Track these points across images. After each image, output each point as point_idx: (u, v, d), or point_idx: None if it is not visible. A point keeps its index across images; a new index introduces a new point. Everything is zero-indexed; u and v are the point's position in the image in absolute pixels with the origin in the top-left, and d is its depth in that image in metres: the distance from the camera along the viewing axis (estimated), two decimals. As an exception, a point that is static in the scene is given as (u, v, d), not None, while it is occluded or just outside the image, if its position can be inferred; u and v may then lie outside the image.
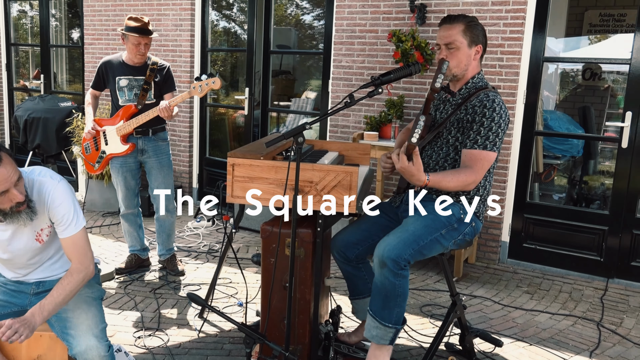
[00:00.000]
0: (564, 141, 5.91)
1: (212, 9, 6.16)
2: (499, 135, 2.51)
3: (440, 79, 2.38)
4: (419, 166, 2.34)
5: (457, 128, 2.61)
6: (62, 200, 2.20)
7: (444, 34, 2.62)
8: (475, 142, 2.51)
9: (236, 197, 2.57)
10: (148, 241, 4.68)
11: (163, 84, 3.85)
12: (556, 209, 4.54)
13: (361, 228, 2.80)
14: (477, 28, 2.63)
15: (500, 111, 2.52)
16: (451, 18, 2.64)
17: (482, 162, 2.50)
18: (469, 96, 2.62)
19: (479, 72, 2.69)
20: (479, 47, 2.64)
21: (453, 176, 2.46)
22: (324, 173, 2.48)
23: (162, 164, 3.91)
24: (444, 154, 2.65)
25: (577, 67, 7.63)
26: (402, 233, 2.47)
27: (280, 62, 8.22)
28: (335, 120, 5.15)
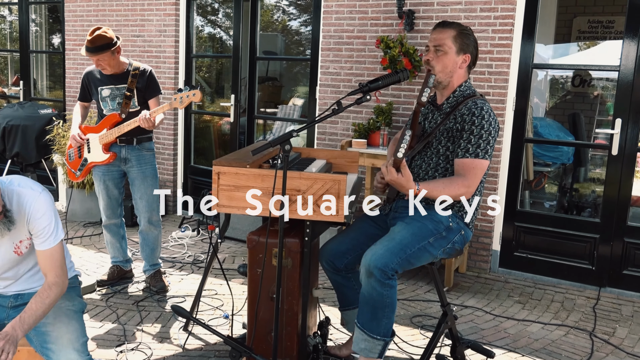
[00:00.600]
0: (554, 148, 5.97)
1: (197, 14, 6.16)
2: (490, 142, 2.53)
3: (426, 92, 2.41)
4: (408, 177, 2.38)
5: (447, 137, 2.62)
6: (44, 213, 2.18)
7: (435, 36, 2.66)
8: (466, 150, 2.52)
9: (222, 207, 2.55)
10: (131, 252, 4.64)
11: (146, 90, 3.83)
12: (547, 217, 4.57)
13: (350, 237, 2.80)
14: (469, 37, 2.66)
15: (489, 118, 2.54)
16: (446, 23, 2.68)
17: (474, 170, 2.51)
18: (457, 105, 2.64)
19: (466, 80, 2.71)
20: (467, 56, 2.66)
21: (445, 186, 2.47)
22: (311, 181, 2.47)
23: (145, 175, 3.87)
24: (434, 163, 2.66)
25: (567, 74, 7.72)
26: (389, 242, 2.47)
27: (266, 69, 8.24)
28: (323, 128, 5.15)
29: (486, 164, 2.53)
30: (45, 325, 2.23)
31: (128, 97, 3.78)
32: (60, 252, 2.23)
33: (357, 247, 2.77)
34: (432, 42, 2.66)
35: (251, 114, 5.81)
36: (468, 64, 2.68)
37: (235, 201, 2.54)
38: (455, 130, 2.59)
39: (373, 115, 4.82)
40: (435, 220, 2.59)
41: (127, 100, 3.78)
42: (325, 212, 2.48)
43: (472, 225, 2.72)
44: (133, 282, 4.15)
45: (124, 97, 3.77)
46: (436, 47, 2.63)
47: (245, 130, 5.86)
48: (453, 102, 2.69)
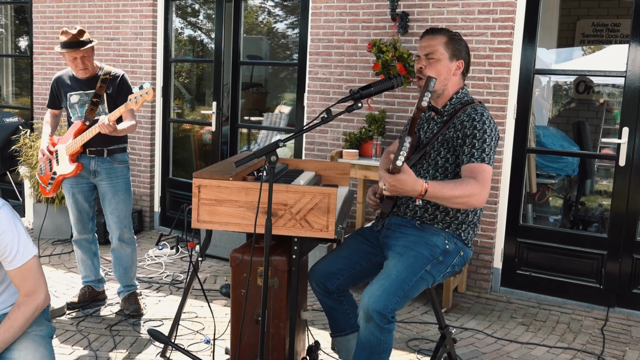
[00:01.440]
0: (558, 159, 6.02)
1: (176, 15, 6.18)
2: (492, 149, 2.56)
3: (427, 97, 2.39)
4: (411, 174, 2.30)
5: (446, 148, 2.64)
6: (4, 230, 2.16)
7: (425, 44, 2.70)
8: (472, 155, 2.52)
9: (203, 222, 2.55)
10: (104, 271, 4.61)
11: (118, 95, 3.82)
12: (551, 232, 4.60)
13: (341, 256, 2.81)
14: (460, 43, 2.71)
15: (490, 124, 2.57)
16: (434, 30, 2.73)
17: (484, 174, 2.48)
18: (455, 112, 2.67)
19: (462, 87, 2.74)
20: (460, 62, 2.70)
21: (456, 184, 2.40)
22: (299, 195, 2.48)
23: (116, 189, 3.86)
24: (430, 176, 2.68)
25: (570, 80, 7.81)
26: (385, 280, 2.48)
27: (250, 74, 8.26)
28: (312, 137, 5.17)
29: (491, 169, 2.53)
30: (11, 351, 2.20)
31: (95, 103, 3.78)
32: (32, 269, 2.21)
33: (349, 266, 2.78)
34: (423, 50, 2.69)
35: (234, 122, 5.82)
36: (462, 70, 2.72)
37: (217, 216, 2.54)
38: (455, 139, 2.61)
39: (365, 124, 4.84)
40: (430, 245, 2.60)
41: (93, 106, 3.77)
42: (315, 228, 2.48)
43: (471, 243, 2.73)
44: (106, 304, 4.12)
45: (90, 103, 3.77)
46: (427, 55, 2.67)
47: (227, 140, 5.87)
48: (450, 109, 2.71)
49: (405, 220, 2.72)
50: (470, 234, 2.71)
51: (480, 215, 2.76)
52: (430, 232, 2.64)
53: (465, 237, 2.68)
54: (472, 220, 2.69)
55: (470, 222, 2.69)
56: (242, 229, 2.54)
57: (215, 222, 2.55)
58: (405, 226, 2.71)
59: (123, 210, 3.88)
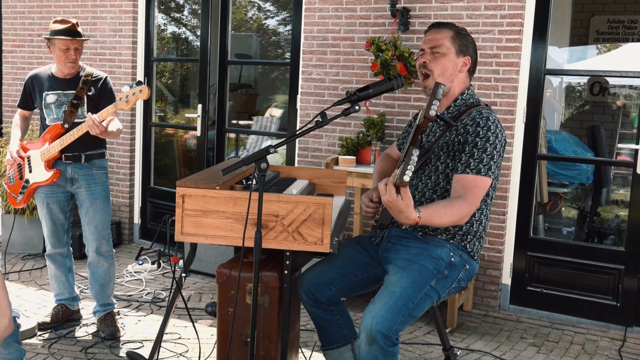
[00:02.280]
0: (571, 166, 6.04)
1: (158, 11, 6.19)
2: (494, 158, 2.56)
3: (435, 105, 2.38)
4: (409, 201, 2.33)
5: (446, 153, 2.65)
6: None
7: (430, 37, 2.72)
8: (467, 165, 2.55)
9: (187, 235, 2.55)
10: (79, 289, 4.59)
11: (100, 99, 3.83)
12: (564, 245, 4.61)
13: (335, 265, 2.80)
14: (467, 38, 2.73)
15: (496, 130, 2.58)
16: (440, 24, 2.75)
17: (476, 189, 2.53)
18: (459, 115, 2.68)
19: (468, 87, 2.76)
20: (467, 58, 2.72)
21: (446, 210, 2.47)
22: (291, 205, 2.48)
23: (94, 197, 3.85)
24: (432, 183, 2.69)
25: (584, 81, 7.85)
26: (389, 298, 2.47)
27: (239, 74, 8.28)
28: (305, 143, 5.18)
29: (488, 182, 2.56)
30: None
31: (74, 105, 3.78)
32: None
33: (342, 276, 2.77)
34: (428, 44, 2.72)
35: (221, 126, 5.82)
36: (469, 67, 2.74)
37: (203, 228, 2.54)
38: (457, 143, 2.62)
39: (363, 129, 4.85)
40: (434, 258, 2.61)
41: (73, 108, 3.77)
42: (308, 241, 2.48)
43: (477, 256, 2.74)
44: (81, 325, 4.10)
45: (70, 105, 3.77)
46: (432, 48, 2.69)
47: (214, 146, 5.87)
48: (454, 112, 2.72)
49: (406, 231, 2.73)
50: (476, 245, 2.72)
51: (487, 226, 2.77)
52: (433, 244, 2.65)
53: (471, 249, 2.69)
54: (477, 231, 2.70)
55: (475, 232, 2.69)
56: (230, 242, 2.54)
57: (201, 234, 2.54)
58: (406, 238, 2.71)
59: (101, 220, 3.87)
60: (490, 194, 2.70)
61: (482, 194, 2.57)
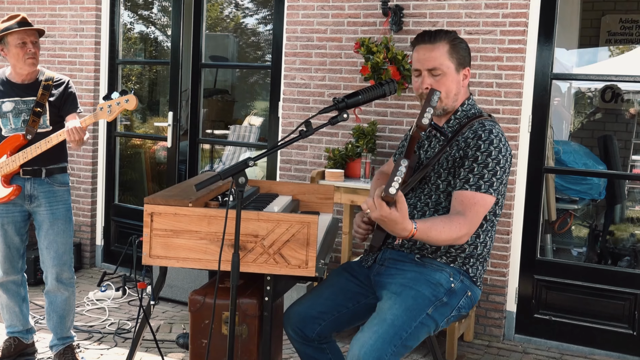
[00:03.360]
0: (581, 180, 6.08)
1: (124, 8, 6.20)
2: (498, 174, 2.57)
3: (429, 113, 2.40)
4: (404, 212, 2.31)
5: (447, 170, 2.67)
6: None
7: (425, 56, 2.69)
8: (466, 181, 2.57)
9: (156, 258, 2.54)
10: (34, 319, 4.55)
11: (62, 104, 3.82)
12: (575, 268, 4.63)
13: (323, 296, 2.80)
14: (461, 47, 2.72)
15: (499, 144, 2.60)
16: (430, 35, 2.70)
17: (475, 207, 2.54)
18: (460, 128, 2.70)
19: (468, 97, 2.79)
20: (466, 70, 2.74)
21: (444, 225, 2.48)
22: (273, 224, 2.48)
23: (56, 217, 3.83)
24: (432, 202, 2.70)
25: (595, 86, 7.93)
26: (379, 326, 2.48)
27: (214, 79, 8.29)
28: (288, 155, 5.19)
29: (490, 201, 2.58)
30: None
31: (37, 114, 3.76)
32: None
33: (332, 309, 2.77)
34: (423, 65, 2.68)
35: (194, 137, 5.81)
36: (469, 77, 2.76)
37: (174, 250, 2.53)
38: (458, 158, 2.63)
39: (352, 139, 4.87)
40: (432, 283, 2.61)
41: (35, 117, 3.76)
42: (292, 264, 2.48)
43: (480, 282, 2.75)
44: (36, 359, 4.05)
45: (32, 114, 3.75)
46: (431, 70, 2.67)
47: (186, 158, 5.86)
48: (455, 125, 2.74)
49: (402, 254, 2.73)
50: (479, 270, 2.73)
51: (491, 248, 2.78)
52: (432, 267, 2.66)
53: (473, 274, 2.70)
54: (480, 254, 2.71)
55: (478, 255, 2.70)
56: (204, 266, 2.53)
57: (171, 257, 2.53)
58: (402, 261, 2.72)
59: (63, 243, 3.85)
60: (497, 213, 2.72)
61: (483, 212, 2.58)
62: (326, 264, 2.59)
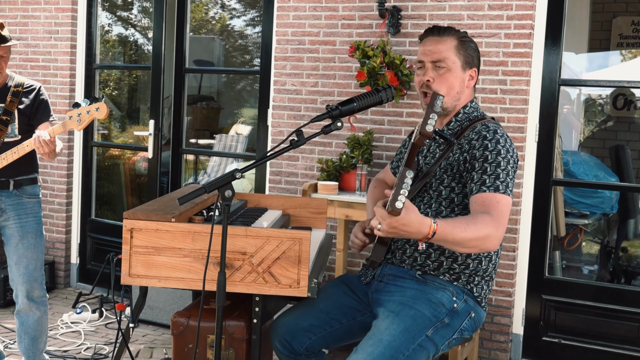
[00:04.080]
0: (592, 193, 6.09)
1: (102, 9, 6.21)
2: (510, 174, 2.57)
3: (433, 119, 2.39)
4: (416, 212, 2.28)
5: (450, 175, 2.68)
6: None
7: (431, 48, 2.73)
8: (482, 183, 2.55)
9: (136, 277, 2.54)
10: (3, 344, 4.53)
11: (33, 112, 3.82)
12: (586, 287, 4.63)
13: (316, 309, 2.79)
14: (471, 46, 2.78)
15: (505, 144, 2.62)
16: (439, 30, 2.77)
17: (499, 206, 2.49)
18: (462, 131, 2.71)
19: (472, 100, 2.81)
20: (473, 70, 2.78)
21: (468, 222, 2.40)
22: (262, 240, 2.48)
23: (25, 231, 3.82)
24: (433, 212, 2.71)
25: (606, 93, 7.96)
26: (375, 347, 2.48)
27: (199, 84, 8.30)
28: (278, 166, 5.19)
29: (509, 201, 2.54)
30: None
31: (4, 122, 3.76)
32: None
33: (325, 323, 2.77)
34: (429, 56, 2.73)
35: (177, 147, 5.81)
36: (475, 80, 2.78)
37: (155, 269, 2.53)
38: (462, 162, 2.64)
39: (346, 149, 4.88)
40: (433, 302, 2.62)
41: (2, 125, 3.75)
42: (282, 283, 2.48)
43: (485, 302, 2.75)
44: (6, 388, 4.05)
45: (0, 122, 3.75)
46: (435, 62, 2.71)
47: (169, 170, 5.86)
48: (456, 127, 2.76)
49: (402, 270, 2.74)
50: (484, 289, 2.73)
51: (497, 265, 2.78)
52: (434, 285, 2.66)
53: (478, 294, 2.70)
54: (486, 270, 2.71)
55: (484, 273, 2.71)
56: (188, 286, 2.53)
57: (152, 276, 2.53)
58: (402, 277, 2.72)
59: (33, 259, 3.84)
60: None
61: (507, 213, 2.52)
62: (319, 283, 2.59)
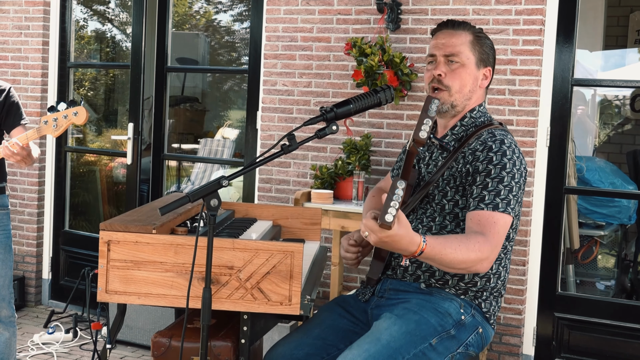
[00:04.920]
0: (608, 202, 6.10)
1: (77, 2, 6.21)
2: (514, 190, 2.58)
3: (427, 125, 2.39)
4: (408, 224, 2.29)
5: (454, 188, 2.67)
6: None
7: (445, 41, 2.74)
8: (481, 199, 2.56)
9: (113, 293, 2.53)
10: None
11: (4, 116, 3.82)
12: (601, 304, 4.63)
13: (311, 335, 2.79)
14: (487, 43, 2.78)
15: (512, 156, 2.61)
16: (454, 23, 2.77)
17: (496, 226, 2.52)
18: (467, 138, 2.72)
19: (480, 104, 2.81)
20: (487, 70, 2.78)
21: (460, 243, 2.43)
22: (250, 254, 2.48)
23: (-7, 244, 3.83)
24: (437, 226, 2.70)
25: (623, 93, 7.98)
26: (372, 345, 2.47)
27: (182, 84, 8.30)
28: (268, 173, 5.19)
29: (509, 220, 2.57)
30: None
31: None
32: None
33: (321, 350, 2.76)
34: (442, 50, 2.73)
35: (159, 152, 5.81)
36: (489, 81, 2.80)
37: (135, 285, 2.52)
38: (464, 174, 2.65)
39: (342, 155, 4.88)
40: (440, 312, 2.62)
41: None
42: (272, 300, 2.48)
43: (494, 319, 2.75)
44: (-29, 415, 4.03)
45: None
46: (449, 56, 2.71)
47: (149, 177, 5.85)
48: (460, 133, 2.76)
49: (405, 283, 2.74)
50: (493, 305, 2.73)
51: (506, 281, 2.79)
52: (440, 297, 2.66)
53: (486, 310, 2.70)
54: (494, 287, 2.71)
55: (492, 289, 2.71)
56: (170, 303, 2.53)
57: (131, 292, 2.53)
58: (405, 290, 2.72)
59: (1, 275, 3.83)
60: (512, 238, 2.72)
61: (504, 234, 2.55)
62: (313, 300, 2.59)
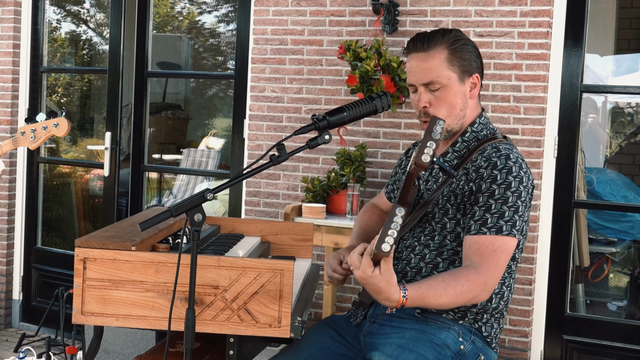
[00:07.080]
0: (620, 217, 6.11)
1: (50, 2, 6.21)
2: (519, 210, 2.58)
3: (430, 148, 2.40)
4: (390, 277, 2.32)
5: (455, 205, 2.67)
6: None
7: (418, 68, 2.70)
8: (483, 223, 2.56)
9: (90, 315, 2.53)
10: None
11: None
12: (613, 326, 4.63)
13: (301, 357, 2.79)
14: (465, 49, 2.71)
15: (519, 173, 2.61)
16: (423, 41, 2.70)
17: (495, 255, 2.53)
18: (469, 154, 2.72)
19: (479, 114, 2.80)
20: (474, 76, 2.74)
21: (446, 285, 2.45)
22: (237, 272, 2.49)
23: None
24: (436, 244, 2.71)
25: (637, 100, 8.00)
26: None
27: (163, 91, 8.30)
28: (256, 185, 5.19)
29: (513, 244, 2.58)
30: None
31: None
32: None
33: (311, 374, 2.77)
34: (417, 77, 2.69)
35: (138, 163, 5.80)
36: (479, 86, 2.77)
37: (113, 306, 2.52)
38: (466, 193, 2.65)
39: (335, 166, 4.88)
40: (437, 344, 2.62)
41: None
42: (260, 322, 2.48)
43: (496, 342, 2.76)
44: None
45: None
46: (428, 85, 2.68)
47: (128, 190, 5.84)
48: (462, 149, 2.77)
49: (398, 309, 2.74)
50: (494, 327, 2.73)
51: (509, 301, 2.79)
52: (436, 325, 2.66)
53: (487, 333, 2.71)
54: (496, 308, 2.72)
55: (494, 310, 2.71)
56: (150, 325, 2.53)
57: (109, 314, 2.52)
58: (399, 317, 2.72)
59: None
60: (517, 257, 2.73)
61: (505, 260, 2.57)
62: (304, 321, 2.59)
